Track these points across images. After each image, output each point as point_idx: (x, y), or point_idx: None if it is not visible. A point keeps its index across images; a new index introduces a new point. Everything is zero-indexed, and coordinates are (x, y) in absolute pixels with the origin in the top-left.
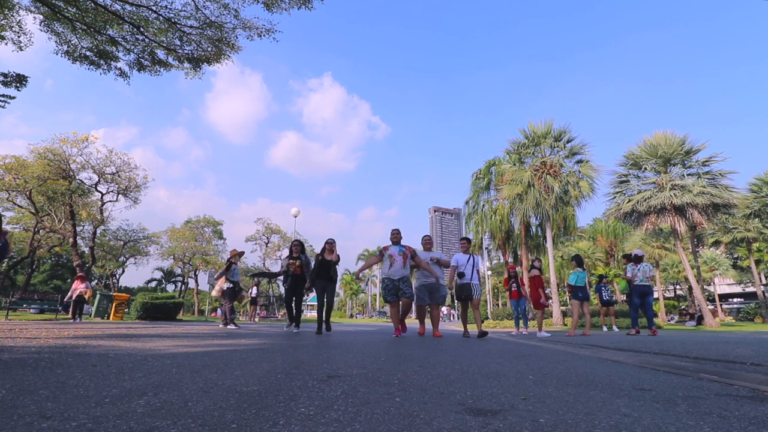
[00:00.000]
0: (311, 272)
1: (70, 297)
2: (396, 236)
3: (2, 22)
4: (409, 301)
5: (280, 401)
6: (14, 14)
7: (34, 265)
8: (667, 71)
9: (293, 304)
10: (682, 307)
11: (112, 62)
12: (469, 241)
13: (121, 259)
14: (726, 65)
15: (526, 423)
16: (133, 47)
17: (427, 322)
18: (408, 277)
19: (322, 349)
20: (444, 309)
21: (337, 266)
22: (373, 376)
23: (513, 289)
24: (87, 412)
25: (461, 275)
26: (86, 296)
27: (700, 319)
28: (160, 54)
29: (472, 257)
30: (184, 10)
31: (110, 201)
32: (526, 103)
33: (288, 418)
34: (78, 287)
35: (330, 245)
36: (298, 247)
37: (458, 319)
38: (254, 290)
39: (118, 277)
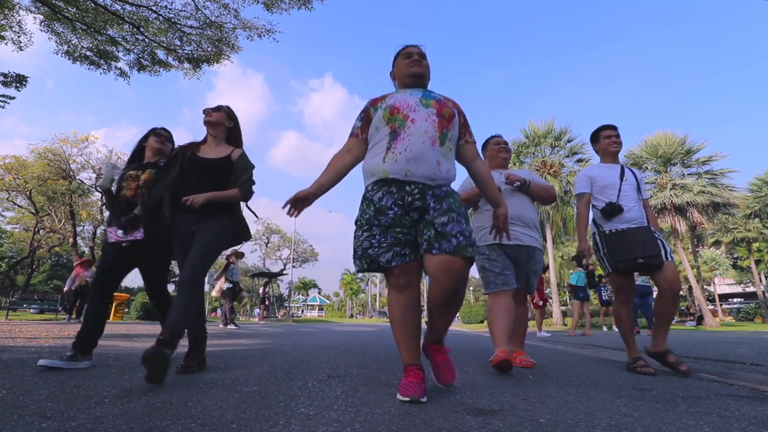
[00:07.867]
0: (151, 187)
1: (70, 289)
2: (415, 65)
3: (2, 22)
4: (464, 262)
5: (280, 401)
6: (14, 14)
7: (34, 265)
8: (667, 71)
9: (150, 287)
10: (682, 307)
11: (112, 62)
12: (617, 133)
13: None
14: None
15: (526, 423)
16: (133, 47)
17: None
18: (449, 185)
19: (322, 349)
20: None
21: (245, 180)
22: (373, 376)
23: None
24: (87, 412)
25: (615, 210)
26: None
27: (700, 319)
28: (160, 54)
29: (629, 171)
30: (184, 10)
31: None
32: (526, 103)
33: (288, 418)
34: (81, 273)
35: (212, 114)
36: (161, 139)
37: (460, 319)
38: (262, 290)
39: None
